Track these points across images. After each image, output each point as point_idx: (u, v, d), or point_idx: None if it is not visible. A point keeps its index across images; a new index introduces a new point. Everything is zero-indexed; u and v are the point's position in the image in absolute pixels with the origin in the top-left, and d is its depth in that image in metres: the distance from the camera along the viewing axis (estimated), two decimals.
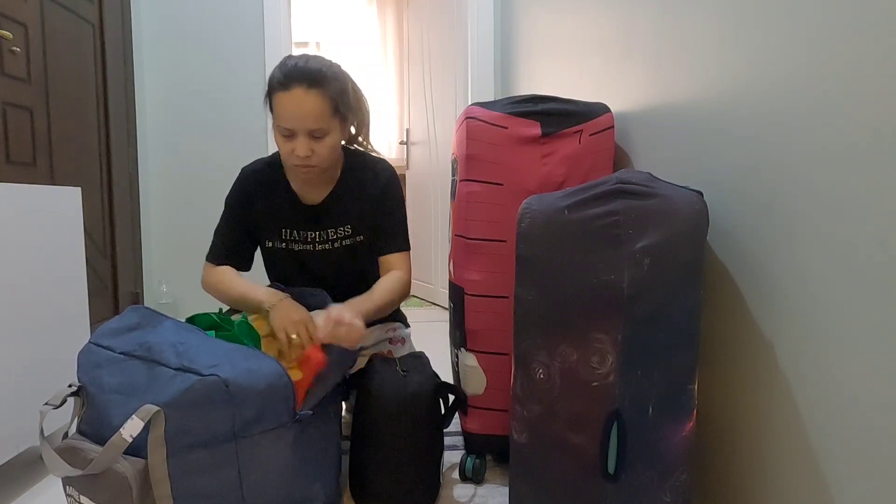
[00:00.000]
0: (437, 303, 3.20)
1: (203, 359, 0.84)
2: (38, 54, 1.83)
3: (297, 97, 1.07)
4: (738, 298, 0.86)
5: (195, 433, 0.80)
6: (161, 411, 0.76)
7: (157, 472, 0.77)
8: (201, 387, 0.80)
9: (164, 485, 0.77)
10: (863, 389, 0.63)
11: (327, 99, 1.09)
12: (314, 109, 1.08)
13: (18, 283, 1.11)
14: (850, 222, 0.64)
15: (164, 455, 0.77)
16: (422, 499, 1.08)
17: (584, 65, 1.58)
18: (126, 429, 0.75)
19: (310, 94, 1.07)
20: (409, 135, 3.46)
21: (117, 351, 0.89)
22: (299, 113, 1.07)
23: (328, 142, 1.12)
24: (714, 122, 0.92)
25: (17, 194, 1.12)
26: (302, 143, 1.09)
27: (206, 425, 0.81)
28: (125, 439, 0.75)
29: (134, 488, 0.76)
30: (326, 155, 1.13)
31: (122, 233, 2.39)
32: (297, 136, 1.09)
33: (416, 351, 1.27)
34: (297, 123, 1.08)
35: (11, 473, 1.24)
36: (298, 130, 1.09)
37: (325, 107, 1.09)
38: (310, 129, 1.09)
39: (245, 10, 2.68)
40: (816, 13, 0.69)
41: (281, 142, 1.11)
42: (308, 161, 1.11)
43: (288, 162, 1.14)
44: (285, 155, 1.13)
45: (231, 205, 1.25)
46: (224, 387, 0.81)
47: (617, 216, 0.77)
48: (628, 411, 0.77)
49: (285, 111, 1.08)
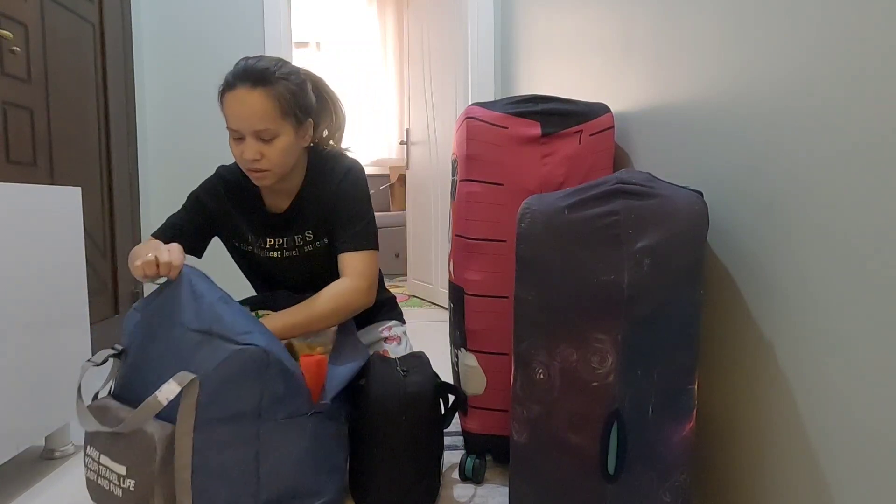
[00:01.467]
0: (437, 303, 3.20)
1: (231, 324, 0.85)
2: (38, 54, 1.83)
3: (240, 97, 1.04)
4: (738, 298, 0.86)
5: (225, 405, 0.81)
6: (196, 379, 0.77)
7: (182, 440, 0.77)
8: (241, 357, 0.81)
9: (186, 454, 0.78)
10: (863, 389, 0.63)
11: (272, 99, 1.05)
12: (258, 109, 1.04)
13: (18, 283, 1.11)
14: (850, 222, 0.64)
15: (192, 424, 0.78)
16: (422, 499, 1.08)
17: (584, 65, 1.58)
18: (162, 392, 0.76)
19: (253, 93, 1.04)
20: (409, 135, 3.46)
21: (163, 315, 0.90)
22: (243, 113, 1.04)
23: (278, 145, 1.07)
24: (714, 122, 0.92)
25: (17, 194, 1.12)
26: (250, 146, 1.06)
27: (237, 397, 0.82)
28: (160, 402, 0.76)
29: (159, 451, 0.76)
30: (277, 159, 1.08)
31: (122, 233, 2.39)
32: (245, 138, 1.06)
33: (416, 351, 1.27)
34: (242, 124, 1.05)
35: (11, 473, 1.24)
36: (245, 132, 1.06)
37: (271, 107, 1.05)
38: (256, 130, 1.05)
39: (245, 10, 2.68)
40: (816, 13, 0.69)
41: (232, 145, 1.08)
42: (257, 165, 1.07)
43: (241, 166, 1.11)
44: (237, 158, 1.09)
45: (194, 197, 1.21)
46: (264, 355, 0.83)
47: (617, 216, 0.78)
48: (628, 411, 0.77)
49: (230, 111, 1.06)
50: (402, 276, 4.19)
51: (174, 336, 0.86)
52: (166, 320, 0.88)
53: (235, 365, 0.80)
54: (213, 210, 1.21)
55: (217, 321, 0.85)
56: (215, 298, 0.90)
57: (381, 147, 5.01)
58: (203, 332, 0.84)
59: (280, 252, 1.23)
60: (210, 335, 0.83)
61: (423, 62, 3.24)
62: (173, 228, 1.19)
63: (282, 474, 0.88)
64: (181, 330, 0.85)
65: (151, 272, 0.91)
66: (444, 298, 3.10)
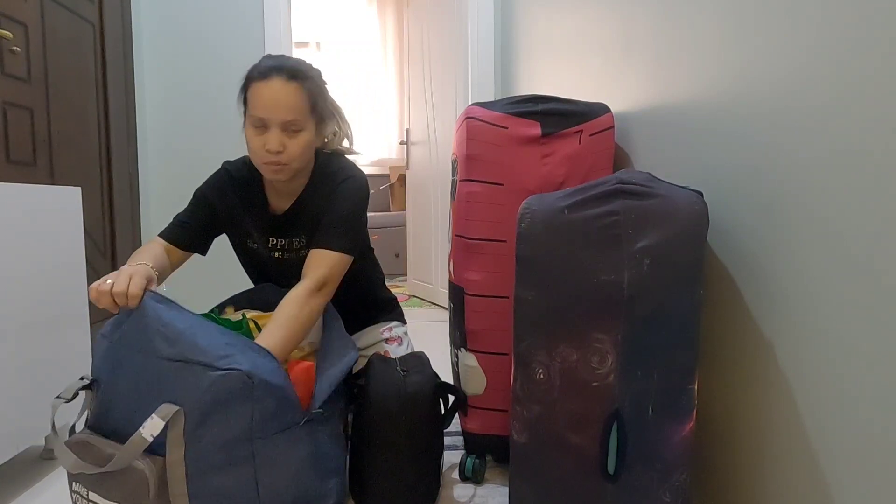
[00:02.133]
0: (437, 303, 3.20)
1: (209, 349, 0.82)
2: (38, 54, 1.83)
3: (274, 87, 1.05)
4: (738, 298, 0.86)
5: (215, 432, 0.79)
6: (181, 410, 0.76)
7: (174, 471, 0.76)
8: (225, 383, 0.79)
9: (181, 483, 0.77)
10: (863, 389, 0.63)
11: (304, 93, 1.08)
12: (291, 101, 1.06)
13: (18, 283, 1.11)
14: (849, 222, 0.64)
15: (182, 454, 0.77)
16: (422, 499, 1.08)
17: (584, 65, 1.58)
18: (146, 428, 0.75)
19: (288, 85, 1.06)
20: (409, 135, 3.46)
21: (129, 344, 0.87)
22: (276, 103, 1.05)
23: (301, 139, 1.09)
24: (714, 122, 0.92)
25: (17, 194, 1.12)
26: (274, 136, 1.06)
27: (226, 423, 0.80)
28: (145, 438, 0.75)
29: (152, 486, 0.75)
30: (298, 153, 1.09)
31: (122, 233, 2.39)
32: (270, 128, 1.06)
33: (416, 351, 1.27)
34: (273, 114, 1.05)
35: (11, 473, 1.24)
36: (272, 122, 1.06)
37: (303, 101, 1.08)
38: (285, 121, 1.06)
39: (245, 9, 2.68)
40: (816, 13, 0.69)
41: (252, 135, 1.08)
42: (279, 158, 1.07)
43: (258, 159, 1.09)
44: (255, 149, 1.08)
45: (201, 194, 1.21)
46: (248, 380, 0.80)
47: (617, 216, 0.77)
48: (628, 411, 0.77)
49: (261, 100, 1.06)
50: (402, 276, 4.19)
51: (148, 366, 0.82)
52: (135, 350, 0.84)
53: (221, 392, 0.78)
54: (218, 207, 1.21)
55: (192, 348, 0.81)
56: (186, 326, 0.85)
57: (381, 147, 5.01)
58: (179, 360, 0.80)
59: (282, 252, 1.23)
60: (187, 363, 0.80)
61: (423, 62, 3.24)
62: (179, 227, 1.18)
63: (282, 488, 0.87)
64: (154, 360, 0.82)
65: (106, 303, 0.86)
66: (444, 298, 3.10)
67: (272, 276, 1.28)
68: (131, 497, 0.76)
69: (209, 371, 0.79)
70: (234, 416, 0.81)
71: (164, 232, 1.18)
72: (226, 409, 0.80)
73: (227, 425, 0.80)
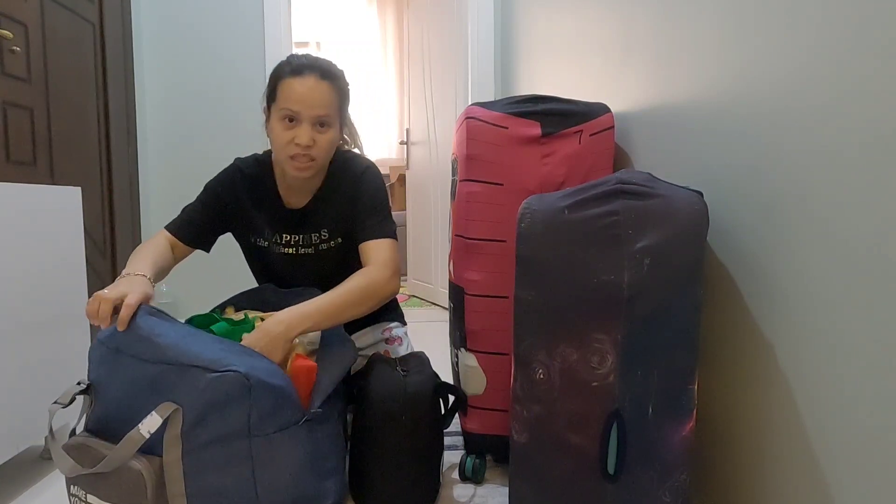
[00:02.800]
0: (437, 303, 3.20)
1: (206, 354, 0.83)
2: (38, 54, 1.83)
3: (309, 83, 1.09)
4: (738, 298, 0.86)
5: (212, 430, 0.79)
6: (179, 409, 0.76)
7: (172, 470, 0.76)
8: (222, 383, 0.79)
9: (178, 483, 0.77)
10: (863, 389, 0.63)
11: (336, 92, 1.12)
12: (325, 98, 1.10)
13: (18, 283, 1.11)
14: (849, 222, 0.64)
15: (179, 453, 0.77)
16: (422, 499, 1.08)
17: (584, 65, 1.58)
18: (144, 425, 0.75)
19: (322, 83, 1.10)
20: (409, 135, 3.46)
21: (126, 350, 0.87)
22: (310, 98, 1.09)
23: (329, 135, 1.12)
24: (714, 122, 0.92)
25: (17, 194, 1.12)
26: (305, 130, 1.09)
27: (223, 421, 0.80)
28: (143, 435, 0.75)
29: (149, 486, 0.75)
30: (325, 148, 1.12)
31: (122, 233, 2.39)
32: (302, 123, 1.09)
33: (416, 351, 1.27)
34: (306, 108, 1.09)
35: (11, 473, 1.24)
36: (304, 117, 1.09)
37: (334, 98, 1.12)
38: (317, 116, 1.09)
39: (245, 9, 2.68)
40: (816, 13, 0.69)
41: (281, 130, 1.10)
42: (308, 152, 1.10)
43: (285, 153, 1.11)
44: (284, 144, 1.10)
45: (211, 190, 1.21)
46: (245, 381, 0.81)
47: (617, 216, 0.77)
48: (628, 411, 0.77)
49: (295, 94, 1.09)
50: (403, 276, 4.18)
51: (146, 369, 0.82)
52: (132, 355, 0.85)
53: (218, 392, 0.78)
54: (228, 203, 1.21)
55: (188, 353, 0.82)
56: (180, 335, 0.86)
57: (381, 147, 5.01)
58: (176, 363, 0.81)
59: (295, 248, 1.24)
60: (184, 366, 0.80)
61: (423, 62, 3.24)
62: (186, 223, 1.19)
63: (280, 487, 0.87)
64: (151, 364, 0.82)
65: (102, 319, 0.87)
66: (444, 298, 3.10)
67: (278, 275, 1.28)
68: (129, 498, 0.76)
69: (207, 373, 0.80)
70: (232, 416, 0.81)
71: (172, 226, 1.19)
72: (223, 409, 0.80)
73: (224, 424, 0.80)
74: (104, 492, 0.78)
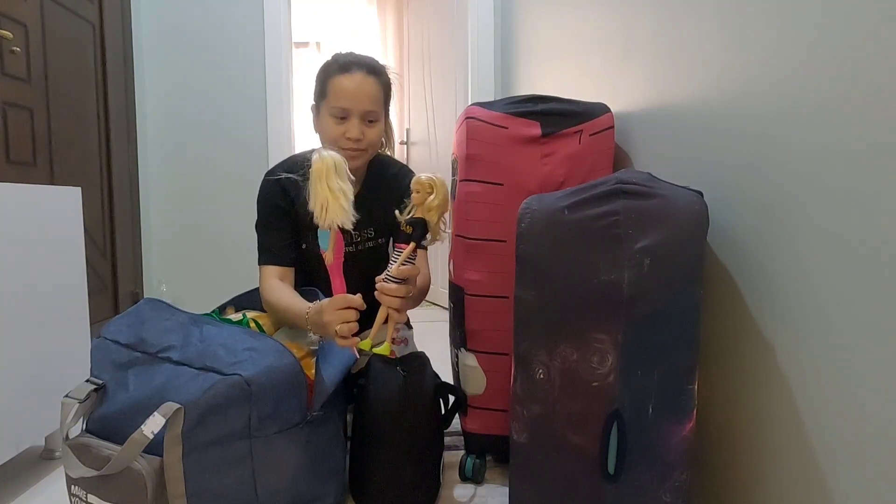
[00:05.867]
0: (437, 303, 3.20)
1: (224, 356, 0.84)
2: (38, 54, 1.83)
3: (357, 80, 1.16)
4: (738, 298, 0.86)
5: (212, 431, 0.80)
6: (181, 409, 0.76)
7: (172, 471, 0.76)
8: (223, 387, 0.79)
9: (178, 483, 0.77)
10: (863, 389, 0.63)
11: (382, 87, 1.20)
12: (373, 93, 1.18)
13: (18, 283, 1.11)
14: (850, 222, 0.64)
15: (180, 453, 0.77)
16: (422, 499, 1.08)
17: (584, 65, 1.58)
18: (148, 425, 0.75)
19: (369, 79, 1.18)
20: (409, 135, 3.46)
21: (134, 347, 0.88)
22: (359, 94, 1.16)
23: (376, 129, 1.20)
24: (714, 122, 0.92)
25: (17, 194, 1.12)
26: (355, 125, 1.16)
27: (224, 423, 0.81)
28: (146, 436, 0.75)
29: (149, 487, 0.75)
30: (375, 140, 1.20)
31: (122, 233, 2.39)
32: (351, 118, 1.16)
33: (416, 351, 1.27)
34: (356, 104, 1.15)
35: (11, 473, 1.24)
36: (354, 112, 1.16)
37: (381, 94, 1.20)
38: (366, 111, 1.16)
39: (245, 10, 2.68)
40: (816, 13, 0.69)
41: (332, 125, 1.17)
42: (359, 144, 1.17)
43: (336, 146, 1.16)
44: (335, 138, 1.17)
45: (271, 205, 1.23)
46: (246, 386, 0.81)
47: (617, 216, 0.77)
48: (628, 411, 0.77)
49: (345, 91, 1.16)
50: None
51: (149, 368, 0.84)
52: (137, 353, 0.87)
53: (219, 396, 0.79)
54: (287, 210, 1.24)
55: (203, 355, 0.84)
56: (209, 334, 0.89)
57: None
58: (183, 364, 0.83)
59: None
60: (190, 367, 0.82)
61: (423, 62, 3.24)
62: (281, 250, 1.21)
63: (280, 488, 0.87)
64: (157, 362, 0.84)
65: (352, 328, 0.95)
66: (444, 298, 3.10)
67: (319, 277, 1.27)
68: (129, 498, 0.76)
69: (214, 375, 0.81)
70: (232, 417, 0.81)
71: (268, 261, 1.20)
72: (224, 412, 0.80)
73: (224, 425, 0.81)
74: (105, 492, 0.78)
